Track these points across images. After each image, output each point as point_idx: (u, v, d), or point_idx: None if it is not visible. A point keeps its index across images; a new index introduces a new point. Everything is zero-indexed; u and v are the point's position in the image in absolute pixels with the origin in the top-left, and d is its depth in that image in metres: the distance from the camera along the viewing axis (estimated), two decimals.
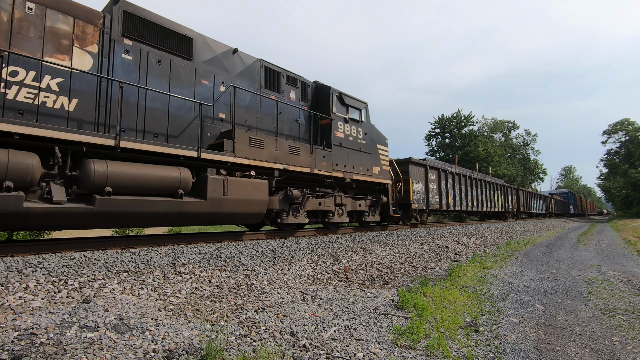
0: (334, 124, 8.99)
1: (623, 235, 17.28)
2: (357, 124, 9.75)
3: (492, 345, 3.40)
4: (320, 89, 9.32)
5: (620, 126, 49.63)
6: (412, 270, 7.26)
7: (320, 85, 9.36)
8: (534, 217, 32.34)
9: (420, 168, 13.57)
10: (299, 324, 3.53)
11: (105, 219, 5.01)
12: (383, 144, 10.76)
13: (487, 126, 57.51)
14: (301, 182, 8.19)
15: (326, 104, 9.10)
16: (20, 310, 3.11)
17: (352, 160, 9.25)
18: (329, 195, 8.70)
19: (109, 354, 2.58)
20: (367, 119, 10.26)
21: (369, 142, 10.09)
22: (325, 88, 9.21)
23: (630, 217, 39.30)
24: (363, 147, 9.81)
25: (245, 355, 2.76)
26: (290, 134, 8.42)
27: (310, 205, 8.17)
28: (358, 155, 9.56)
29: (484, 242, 12.46)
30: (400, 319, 3.93)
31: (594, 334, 3.83)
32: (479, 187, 19.07)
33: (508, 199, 23.88)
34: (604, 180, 58.90)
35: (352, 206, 9.47)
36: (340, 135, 9.09)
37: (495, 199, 21.42)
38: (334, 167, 8.63)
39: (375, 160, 10.21)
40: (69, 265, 4.03)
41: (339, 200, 8.95)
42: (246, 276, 5.01)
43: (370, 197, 10.17)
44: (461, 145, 45.66)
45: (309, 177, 8.21)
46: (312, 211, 8.48)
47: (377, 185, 10.49)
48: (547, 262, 8.76)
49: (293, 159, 7.59)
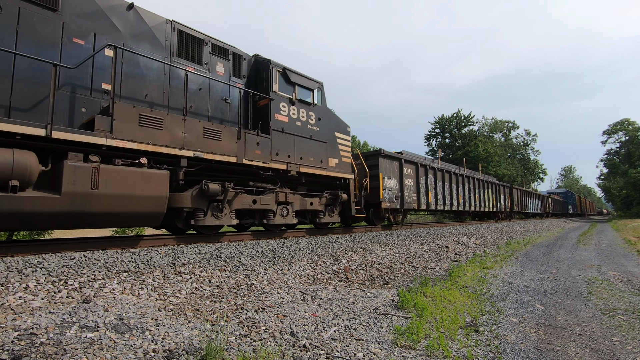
0: (275, 105, 7.41)
1: (623, 235, 17.28)
2: (307, 107, 8.18)
3: (492, 345, 3.40)
4: (260, 64, 7.71)
5: (620, 126, 49.64)
6: (412, 270, 7.26)
7: (260, 59, 7.76)
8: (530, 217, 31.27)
9: (394, 162, 11.89)
10: (299, 324, 3.53)
11: None
12: (343, 132, 9.27)
13: (487, 126, 57.54)
14: (227, 175, 6.79)
15: (265, 81, 7.49)
16: (20, 310, 3.11)
17: (299, 150, 7.76)
18: (269, 191, 7.34)
19: (109, 354, 2.58)
20: (323, 102, 8.73)
21: (324, 129, 8.60)
22: (265, 62, 7.62)
23: (630, 217, 39.31)
24: (316, 134, 8.29)
25: (245, 355, 2.76)
26: (216, 116, 6.87)
27: (240, 203, 6.74)
28: (308, 144, 8.02)
29: (484, 242, 12.46)
30: (400, 319, 3.93)
31: (594, 334, 3.83)
32: (467, 184, 17.39)
33: (500, 197, 22.35)
34: (604, 180, 58.91)
35: (301, 205, 8.07)
36: (282, 119, 7.53)
37: (486, 197, 19.85)
38: (272, 157, 7.14)
39: (332, 150, 8.75)
40: (69, 265, 4.03)
41: (282, 197, 7.53)
42: (246, 276, 5.01)
43: (326, 195, 8.75)
44: (461, 146, 45.68)
45: (239, 169, 6.79)
46: (245, 211, 7.13)
47: (336, 181, 9.09)
48: (547, 262, 8.76)
49: (211, 144, 6.04)
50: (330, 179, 8.92)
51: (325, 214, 8.80)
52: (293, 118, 7.81)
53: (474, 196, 18.09)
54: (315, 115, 8.43)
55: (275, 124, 7.38)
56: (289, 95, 7.83)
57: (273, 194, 7.38)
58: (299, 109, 7.96)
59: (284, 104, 7.65)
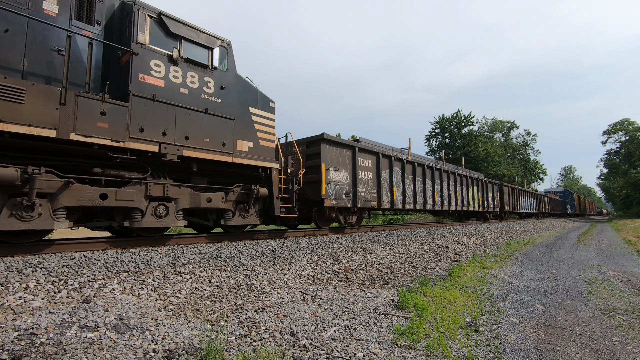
0: (141, 62, 5.44)
1: (623, 235, 17.29)
2: (201, 71, 6.18)
3: (492, 345, 3.40)
4: (126, 6, 5.76)
5: (620, 126, 49.64)
6: (412, 270, 7.26)
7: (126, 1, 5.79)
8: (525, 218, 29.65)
9: (344, 150, 9.55)
10: (299, 324, 3.53)
11: None
12: (264, 108, 7.27)
13: (487, 126, 57.56)
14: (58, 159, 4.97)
15: (128, 29, 5.54)
16: (20, 310, 3.11)
17: (184, 126, 5.80)
18: (134, 182, 5.48)
19: (109, 354, 2.58)
20: (230, 67, 6.70)
21: (231, 102, 6.61)
22: (129, 4, 5.64)
23: (630, 217, 39.31)
24: (215, 107, 6.30)
25: (245, 355, 2.76)
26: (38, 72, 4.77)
27: (75, 198, 4.83)
28: (201, 120, 6.07)
29: (484, 242, 12.46)
30: (400, 319, 3.93)
31: (594, 334, 3.83)
32: (446, 180, 15.18)
33: (488, 196, 20.16)
34: (604, 180, 58.89)
35: (192, 201, 6.12)
36: (155, 82, 5.56)
37: (470, 195, 17.58)
38: (133, 134, 5.23)
39: (244, 130, 6.78)
40: (69, 265, 4.03)
41: (157, 190, 5.67)
42: (246, 276, 5.01)
43: (237, 189, 6.86)
44: (461, 146, 45.70)
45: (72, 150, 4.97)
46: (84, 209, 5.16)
47: (253, 171, 7.22)
48: (547, 262, 8.76)
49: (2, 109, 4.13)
50: (241, 168, 6.99)
51: (235, 213, 6.83)
52: (174, 83, 5.76)
53: (454, 194, 15.84)
54: (216, 83, 6.38)
55: (139, 87, 5.38)
56: (168, 52, 5.78)
57: (141, 185, 5.51)
58: (185, 72, 5.93)
59: (157, 63, 5.64)
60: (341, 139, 9.64)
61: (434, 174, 14.19)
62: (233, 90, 6.74)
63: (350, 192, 9.63)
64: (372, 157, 10.72)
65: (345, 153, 9.63)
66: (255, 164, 7.00)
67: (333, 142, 9.25)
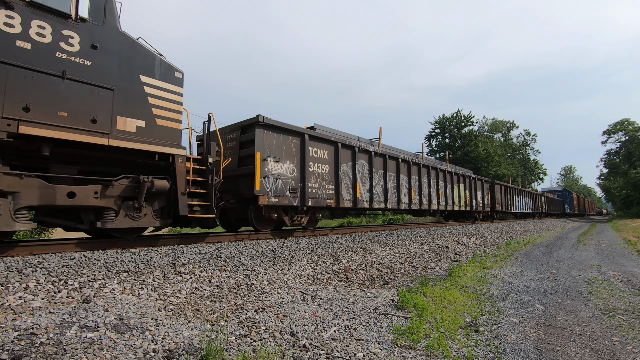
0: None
1: (623, 235, 17.29)
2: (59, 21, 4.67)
3: (492, 345, 3.40)
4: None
5: (620, 126, 49.65)
6: (412, 270, 7.26)
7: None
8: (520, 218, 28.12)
9: (289, 138, 7.94)
10: (299, 324, 3.53)
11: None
12: (165, 78, 5.75)
13: (486, 126, 57.57)
14: None
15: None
16: (20, 310, 3.11)
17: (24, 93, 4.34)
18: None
19: (109, 354, 2.58)
20: (108, 21, 5.14)
21: (109, 66, 5.09)
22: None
23: (630, 217, 39.30)
24: (80, 71, 4.79)
25: (245, 355, 2.76)
26: None
27: None
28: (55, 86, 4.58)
29: (484, 242, 12.46)
30: (400, 319, 3.93)
31: (594, 334, 3.83)
32: (425, 176, 13.55)
33: (477, 194, 18.42)
34: (604, 180, 58.89)
35: (43, 197, 4.55)
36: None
37: (456, 194, 15.97)
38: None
39: (130, 105, 5.27)
40: (69, 265, 4.03)
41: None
42: (246, 276, 5.01)
43: (123, 181, 5.30)
44: (461, 146, 45.71)
45: None
46: None
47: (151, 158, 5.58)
48: (547, 262, 8.76)
49: None
50: (129, 155, 5.46)
51: (118, 213, 5.21)
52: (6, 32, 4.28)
53: (436, 192, 14.25)
54: (83, 40, 4.87)
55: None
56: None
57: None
58: (28, 20, 4.42)
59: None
60: (286, 124, 7.86)
61: (410, 169, 12.51)
62: (113, 51, 5.16)
63: (298, 187, 8.00)
64: (329, 148, 9.05)
65: (291, 141, 8.02)
66: (148, 149, 5.38)
67: (273, 127, 7.56)
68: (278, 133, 7.74)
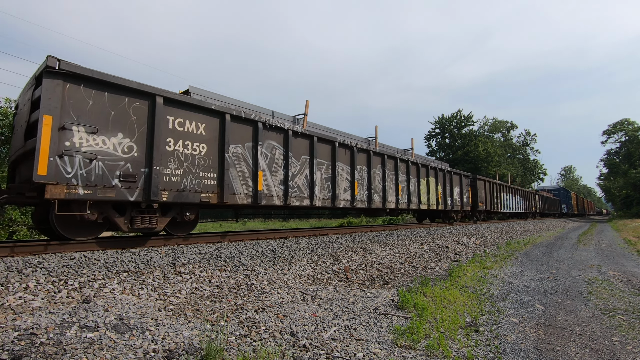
0: None
1: (623, 235, 17.29)
2: None
3: (492, 345, 3.40)
4: None
5: (620, 126, 49.65)
6: (412, 270, 7.26)
7: None
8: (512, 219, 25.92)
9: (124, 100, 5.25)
10: (299, 324, 3.53)
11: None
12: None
13: (486, 126, 57.56)
14: None
15: None
16: (20, 310, 3.11)
17: None
18: None
19: (109, 354, 2.58)
20: None
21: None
22: None
23: (630, 217, 39.29)
24: None
25: (245, 355, 2.76)
26: None
27: None
28: None
29: (484, 242, 12.46)
30: (400, 319, 3.93)
31: (594, 334, 3.83)
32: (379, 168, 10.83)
33: (453, 191, 15.58)
34: (604, 180, 58.89)
35: None
36: None
37: (424, 190, 13.22)
38: None
39: None
40: (69, 265, 4.03)
41: None
42: (246, 276, 5.01)
43: None
44: (461, 146, 45.69)
45: None
46: None
47: None
48: (547, 262, 8.76)
49: None
50: None
51: None
52: None
53: (394, 187, 11.49)
54: None
55: None
56: None
57: None
58: None
59: None
60: (118, 78, 5.18)
61: (354, 158, 9.64)
62: None
63: (140, 173, 5.31)
64: (211, 120, 6.35)
65: (128, 105, 5.30)
66: None
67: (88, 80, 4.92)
68: (100, 91, 5.04)
